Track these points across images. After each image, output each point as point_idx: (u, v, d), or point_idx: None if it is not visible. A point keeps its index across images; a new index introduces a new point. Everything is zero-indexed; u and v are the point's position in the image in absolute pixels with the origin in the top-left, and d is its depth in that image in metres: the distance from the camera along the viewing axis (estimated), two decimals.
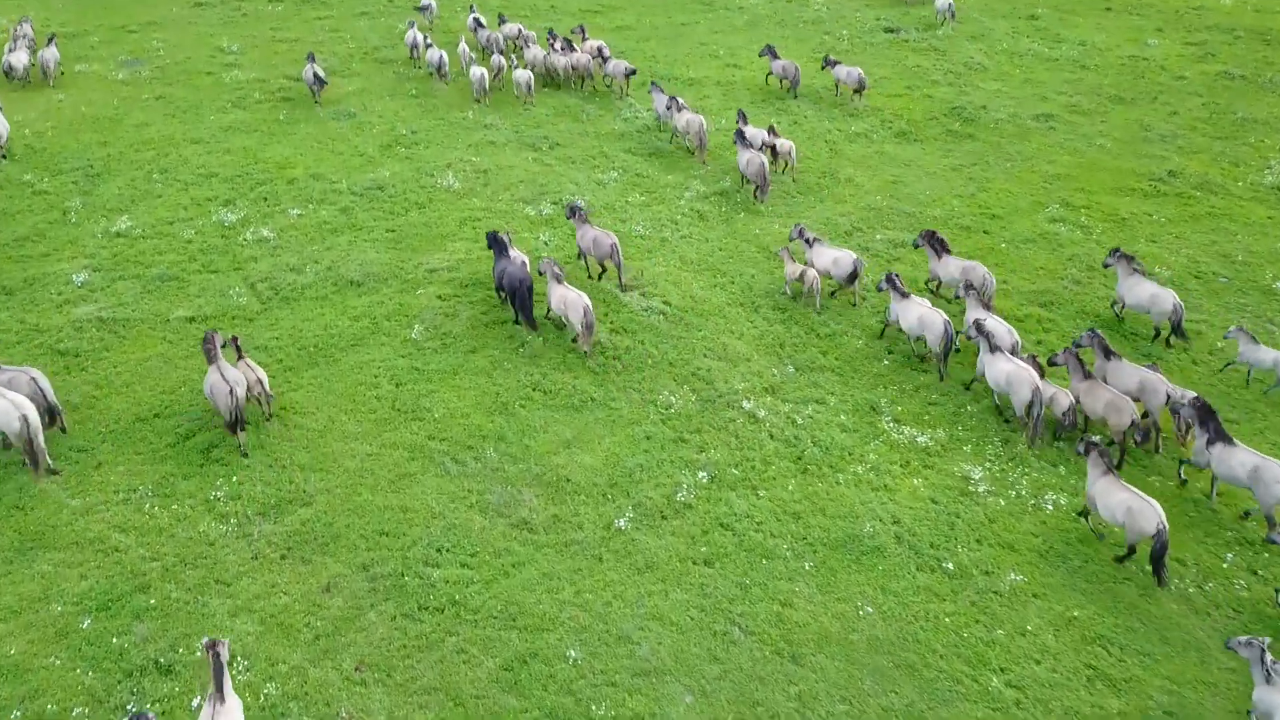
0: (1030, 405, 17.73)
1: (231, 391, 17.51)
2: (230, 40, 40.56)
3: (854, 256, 22.24)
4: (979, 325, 18.89)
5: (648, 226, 25.82)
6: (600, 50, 35.98)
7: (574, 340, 20.70)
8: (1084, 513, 16.52)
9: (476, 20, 38.89)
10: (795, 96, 34.58)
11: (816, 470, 17.52)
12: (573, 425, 18.62)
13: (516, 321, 21.45)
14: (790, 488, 17.13)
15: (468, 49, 36.61)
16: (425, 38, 37.64)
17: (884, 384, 19.81)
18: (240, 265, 23.97)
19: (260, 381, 18.47)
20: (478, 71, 35.13)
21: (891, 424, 18.65)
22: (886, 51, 39.19)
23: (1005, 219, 26.31)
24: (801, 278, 22.25)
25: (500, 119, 32.71)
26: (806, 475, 17.43)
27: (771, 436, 18.31)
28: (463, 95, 35.04)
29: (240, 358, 18.83)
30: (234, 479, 17.22)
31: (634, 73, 34.61)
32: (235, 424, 17.66)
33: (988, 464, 17.61)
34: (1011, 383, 17.94)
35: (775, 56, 35.83)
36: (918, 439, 18.21)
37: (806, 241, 23.10)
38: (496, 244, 22.16)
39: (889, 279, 20.76)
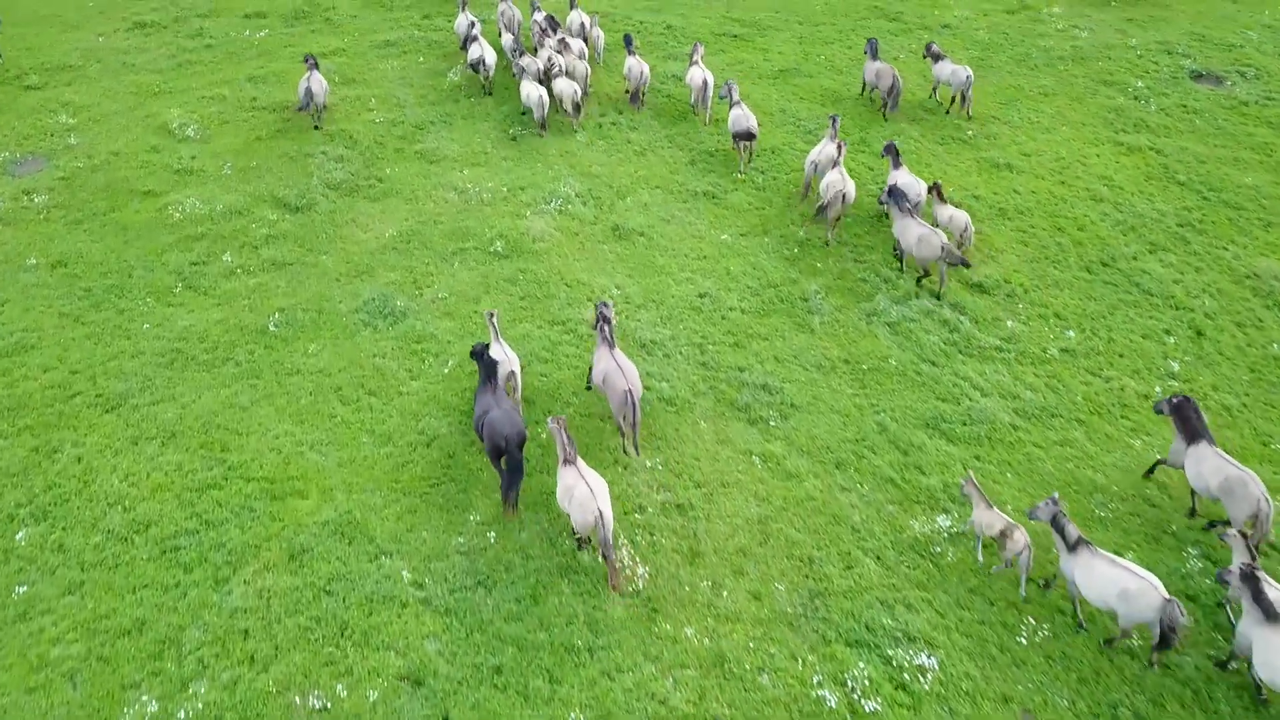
0: None
1: None
2: (184, 109, 24.56)
3: (1163, 595, 11.36)
4: None
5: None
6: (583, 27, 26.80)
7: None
8: None
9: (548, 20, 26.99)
10: (885, 117, 24.32)
11: None
12: None
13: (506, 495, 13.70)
14: None
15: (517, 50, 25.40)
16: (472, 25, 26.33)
17: None
18: None
19: None
20: (535, 93, 23.08)
21: None
22: (1225, 123, 23.49)
23: None
24: (1003, 540, 12.66)
25: (667, 328, 17.48)
26: None
27: None
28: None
29: None
30: None
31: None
32: None
33: None
34: None
35: (874, 56, 24.48)
36: None
37: (1062, 535, 12.22)
38: (481, 364, 14.54)
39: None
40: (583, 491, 12.58)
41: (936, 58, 24.36)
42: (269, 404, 15.82)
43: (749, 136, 21.65)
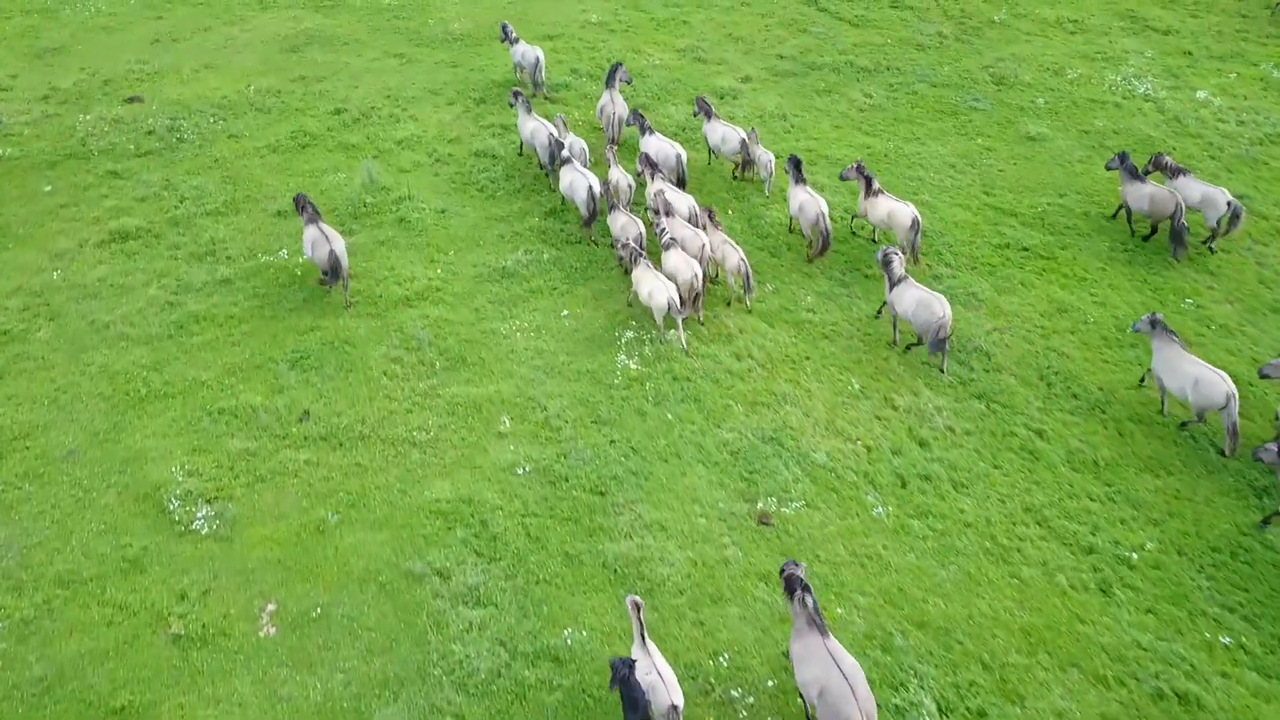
0: None
1: None
2: (189, 447, 13.67)
3: None
4: None
5: None
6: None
7: None
8: None
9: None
10: (1176, 259, 17.28)
11: None
12: None
13: None
14: None
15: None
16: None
17: None
18: None
19: None
20: (661, 293, 15.05)
21: None
22: None
23: None
24: None
25: None
26: None
27: None
28: None
29: None
30: None
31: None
32: None
33: None
34: None
35: (1135, 176, 17.48)
36: None
37: None
38: (628, 698, 9.52)
39: None
40: None
41: (1174, 172, 17.59)
42: None
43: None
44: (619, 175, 18.12)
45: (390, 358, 15.40)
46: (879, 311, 16.10)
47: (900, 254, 15.47)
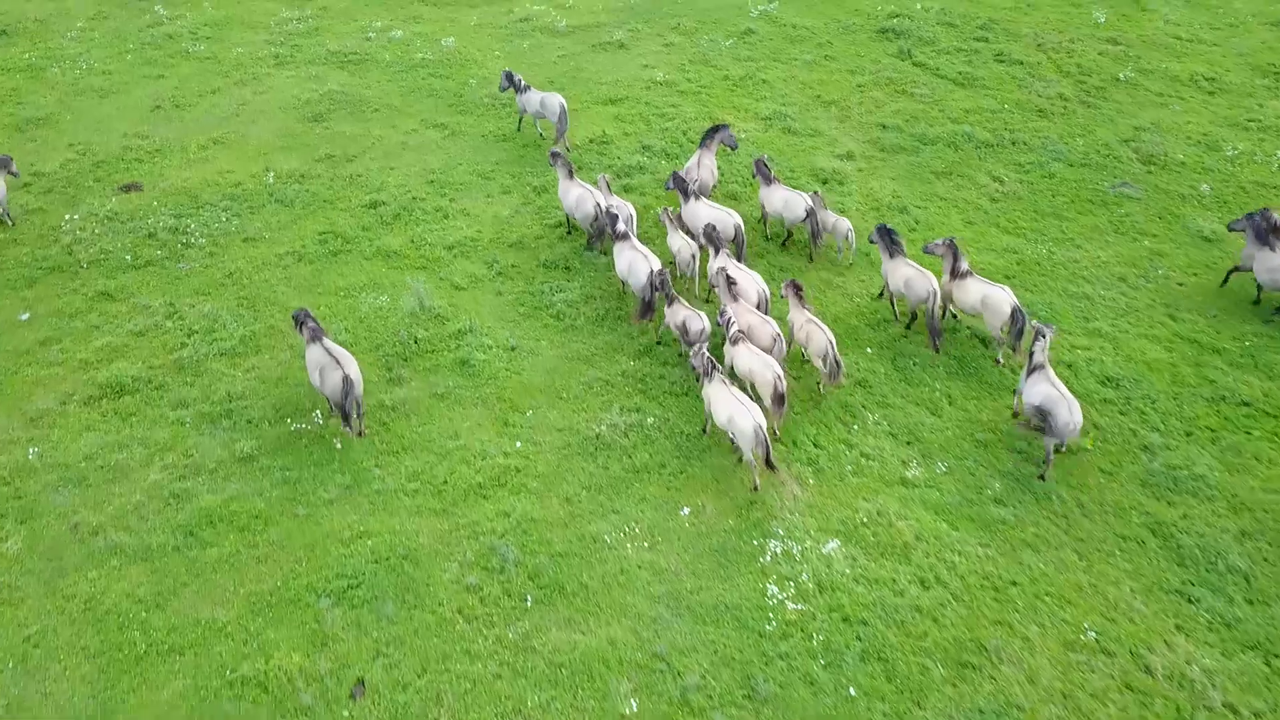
0: None
1: None
2: None
3: None
4: None
5: None
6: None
7: None
8: None
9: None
10: None
11: None
12: None
13: None
14: None
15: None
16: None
17: None
18: None
19: None
20: (747, 421, 12.15)
21: None
22: None
23: None
24: None
25: None
26: None
27: None
28: None
29: None
30: None
31: None
32: None
33: None
34: None
35: (1266, 243, 14.95)
36: None
37: None
38: None
39: None
40: None
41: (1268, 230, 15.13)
42: None
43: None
44: (680, 243, 15.48)
45: (465, 585, 11.52)
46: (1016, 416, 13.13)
47: (1046, 337, 12.81)
